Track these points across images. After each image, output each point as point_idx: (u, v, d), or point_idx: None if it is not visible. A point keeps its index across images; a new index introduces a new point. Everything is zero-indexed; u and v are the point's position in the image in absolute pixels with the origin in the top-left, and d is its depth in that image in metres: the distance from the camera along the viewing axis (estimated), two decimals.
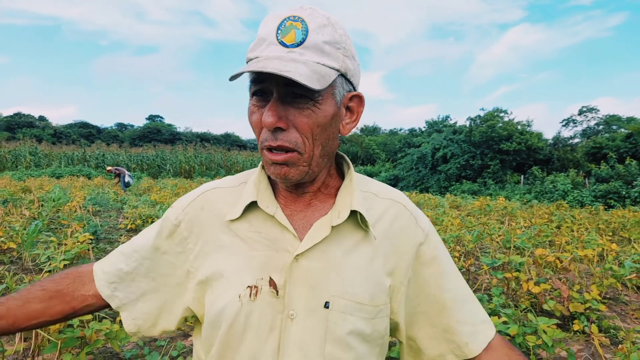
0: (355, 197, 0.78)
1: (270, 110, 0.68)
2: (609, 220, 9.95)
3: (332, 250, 0.76)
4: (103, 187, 16.44)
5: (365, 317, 0.75)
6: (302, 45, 0.68)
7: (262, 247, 0.76)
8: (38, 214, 7.75)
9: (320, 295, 0.73)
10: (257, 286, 0.74)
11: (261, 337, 0.73)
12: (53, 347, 2.55)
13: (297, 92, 0.68)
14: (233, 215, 0.78)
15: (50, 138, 44.52)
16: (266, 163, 0.74)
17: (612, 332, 3.60)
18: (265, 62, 0.66)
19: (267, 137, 0.70)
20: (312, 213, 0.79)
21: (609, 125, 33.44)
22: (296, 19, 0.68)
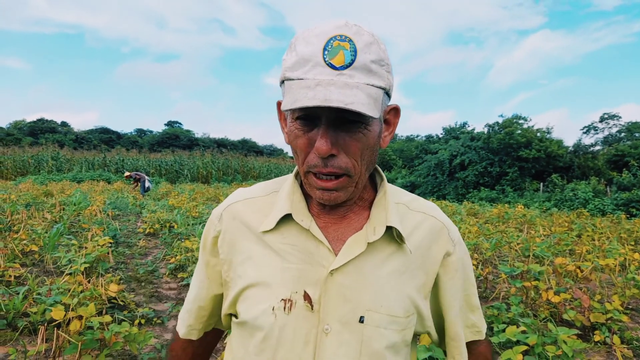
0: (390, 211, 0.77)
1: (323, 137, 0.66)
2: (631, 229, 9.73)
3: (366, 265, 0.75)
4: (122, 192, 16.70)
5: (397, 329, 0.75)
6: (351, 67, 0.66)
7: (296, 260, 0.75)
8: (59, 218, 7.91)
9: (354, 310, 0.73)
10: (292, 300, 0.73)
11: (295, 351, 0.73)
12: (73, 348, 2.60)
13: (349, 118, 0.67)
14: (266, 226, 0.77)
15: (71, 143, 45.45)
16: (311, 186, 0.73)
17: (634, 343, 3.51)
18: (323, 92, 0.63)
19: (316, 164, 0.69)
20: (347, 226, 0.78)
21: (631, 132, 32.77)
22: (343, 38, 0.66)
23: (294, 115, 0.70)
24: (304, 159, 0.71)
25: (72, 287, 3.35)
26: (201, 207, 10.79)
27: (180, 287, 4.69)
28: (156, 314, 3.81)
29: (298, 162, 0.73)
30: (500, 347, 3.22)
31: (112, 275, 4.39)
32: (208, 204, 12.29)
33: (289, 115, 0.72)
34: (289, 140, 0.74)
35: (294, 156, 0.74)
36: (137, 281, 4.79)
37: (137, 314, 3.65)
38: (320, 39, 0.66)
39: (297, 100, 0.64)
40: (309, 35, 0.67)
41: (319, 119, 0.68)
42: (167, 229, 7.83)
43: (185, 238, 6.52)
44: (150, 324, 3.62)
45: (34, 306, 3.34)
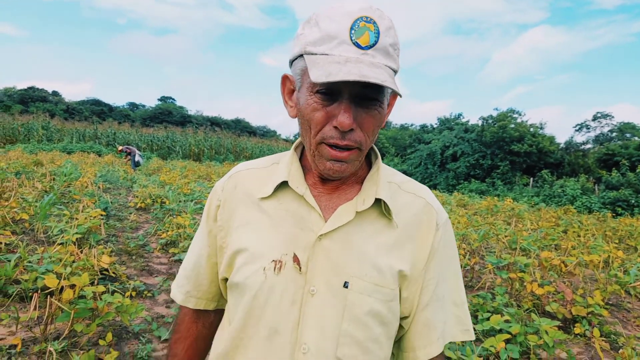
0: (381, 186, 0.81)
1: (346, 112, 0.70)
2: (616, 227, 9.90)
3: (354, 234, 0.79)
4: (113, 165, 16.58)
5: (382, 299, 0.78)
6: (374, 48, 0.70)
7: (288, 225, 0.79)
8: (50, 188, 7.86)
9: (340, 275, 0.77)
10: (282, 261, 0.77)
11: (283, 310, 0.76)
12: (66, 316, 2.62)
13: (370, 95, 0.71)
14: (264, 193, 0.82)
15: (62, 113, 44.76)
16: (321, 157, 0.76)
17: (612, 337, 3.62)
18: (357, 68, 0.67)
19: (333, 135, 0.72)
20: (339, 197, 0.82)
21: (622, 132, 33.07)
22: (369, 20, 0.69)
23: (314, 89, 0.72)
24: (318, 131, 0.74)
25: (64, 256, 3.37)
26: (193, 185, 10.77)
27: (172, 262, 4.72)
28: (147, 287, 3.84)
29: (309, 134, 0.75)
30: (483, 335, 3.31)
31: (103, 247, 4.40)
32: (200, 182, 12.26)
33: (307, 89, 0.74)
34: (302, 113, 0.76)
35: (303, 128, 0.77)
36: (128, 254, 4.81)
37: (128, 287, 3.68)
38: (347, 18, 0.69)
39: (331, 74, 0.66)
40: (335, 14, 0.70)
41: (340, 94, 0.71)
42: (158, 204, 7.83)
43: (177, 214, 6.53)
44: (141, 296, 3.65)
45: (24, 274, 3.35)
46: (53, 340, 2.66)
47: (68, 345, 2.66)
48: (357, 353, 0.77)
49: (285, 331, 0.76)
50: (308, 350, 0.75)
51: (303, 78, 0.75)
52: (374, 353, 0.79)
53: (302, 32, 0.74)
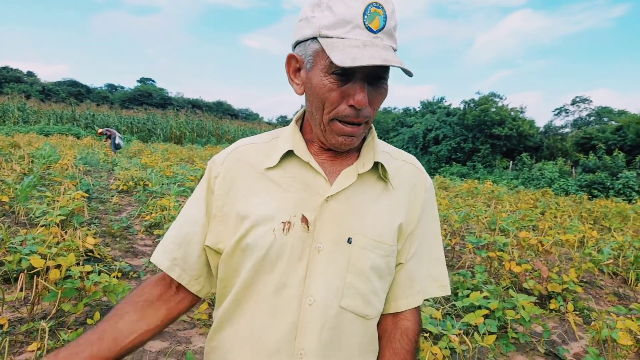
0: (378, 152, 0.89)
1: (362, 91, 0.76)
2: (592, 209, 10.19)
3: (357, 195, 0.87)
4: (93, 148, 16.31)
5: (382, 254, 0.86)
6: (382, 31, 0.76)
7: (295, 190, 0.86)
8: (29, 170, 7.72)
9: (344, 232, 0.84)
10: (291, 222, 0.83)
11: (291, 265, 0.83)
12: (52, 296, 2.63)
13: (381, 74, 0.78)
14: (271, 163, 0.87)
15: (38, 95, 43.64)
16: (332, 133, 0.82)
17: (585, 312, 3.78)
18: (378, 52, 0.73)
19: (348, 113, 0.79)
20: (340, 163, 0.89)
21: (600, 116, 33.75)
22: (378, 5, 0.75)
23: (330, 70, 0.77)
24: (333, 109, 0.79)
25: (48, 238, 3.35)
26: (175, 167, 10.69)
27: (156, 244, 4.72)
28: (132, 269, 3.85)
29: (320, 111, 0.81)
30: (463, 311, 3.42)
31: (87, 229, 4.38)
32: (182, 165, 12.17)
33: (321, 70, 0.78)
34: (315, 92, 0.80)
35: (314, 106, 0.82)
36: (111, 236, 4.79)
37: (113, 268, 3.68)
38: (360, 3, 0.75)
39: (356, 58, 0.71)
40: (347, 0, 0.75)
41: (354, 74, 0.77)
42: (141, 186, 7.77)
43: (161, 196, 6.50)
44: (127, 277, 3.67)
45: (7, 255, 3.33)
46: (40, 320, 2.67)
47: (55, 324, 2.67)
48: (360, 303, 0.85)
49: (292, 285, 0.82)
50: (314, 302, 0.82)
51: (316, 59, 0.79)
52: (373, 304, 0.87)
53: (314, 15, 0.78)
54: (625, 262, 5.17)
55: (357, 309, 0.85)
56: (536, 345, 3.11)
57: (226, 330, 0.88)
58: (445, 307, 3.48)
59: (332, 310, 0.82)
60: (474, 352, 2.80)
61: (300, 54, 0.82)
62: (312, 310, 0.82)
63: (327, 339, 0.82)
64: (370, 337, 0.89)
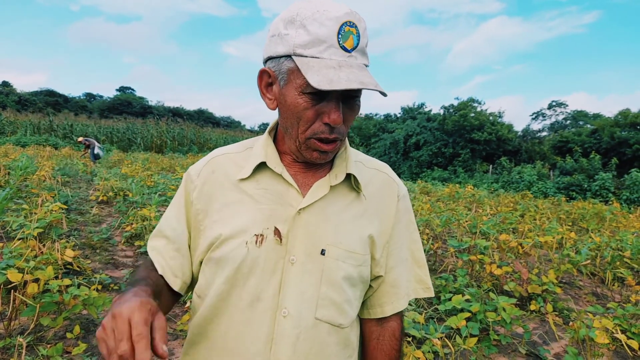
0: (350, 163, 0.90)
1: (337, 111, 0.77)
2: (570, 210, 10.40)
3: (329, 207, 0.87)
4: (71, 158, 16.04)
5: (354, 264, 0.87)
6: (356, 50, 0.77)
7: (268, 202, 0.86)
8: (5, 182, 7.56)
9: (317, 243, 0.85)
10: (263, 234, 0.83)
11: (265, 278, 0.83)
12: (31, 310, 2.58)
13: (354, 94, 0.80)
14: (243, 174, 0.88)
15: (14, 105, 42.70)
16: (309, 149, 0.83)
17: (565, 312, 3.85)
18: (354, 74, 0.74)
19: (323, 130, 0.79)
20: (313, 174, 0.90)
21: (576, 120, 34.52)
22: (352, 24, 0.76)
23: (305, 89, 0.77)
24: (308, 127, 0.80)
25: (26, 251, 3.29)
26: (156, 177, 10.57)
27: (137, 255, 4.67)
28: (113, 281, 3.80)
29: (296, 128, 0.81)
30: (446, 314, 3.46)
31: (66, 241, 4.31)
32: (163, 174, 12.05)
33: (294, 88, 0.78)
34: (289, 110, 0.81)
35: (289, 122, 0.82)
36: (91, 248, 4.72)
37: (93, 280, 3.63)
38: (335, 22, 0.75)
39: (333, 81, 0.72)
40: (322, 18, 0.75)
41: (329, 93, 0.77)
42: (121, 197, 7.66)
43: (142, 207, 6.43)
44: (107, 289, 3.61)
45: None
46: (18, 336, 2.61)
47: (34, 339, 2.62)
48: (334, 313, 0.86)
49: (266, 298, 0.83)
50: (288, 314, 0.82)
51: (290, 77, 0.79)
52: (347, 313, 0.88)
53: (288, 33, 0.77)
54: (603, 262, 5.29)
55: (332, 319, 0.86)
56: (517, 346, 3.16)
57: (200, 344, 0.88)
58: (428, 310, 3.52)
59: (307, 322, 0.83)
60: (457, 355, 2.83)
61: (274, 70, 0.82)
62: (286, 322, 0.82)
63: (303, 350, 0.83)
64: (345, 345, 0.90)
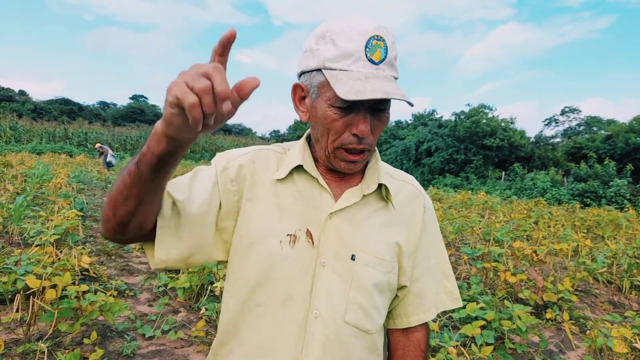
0: (381, 174, 0.93)
1: (365, 122, 0.81)
2: (585, 218, 10.27)
3: (359, 214, 0.90)
4: (86, 166, 16.26)
5: (383, 270, 0.89)
6: (384, 62, 0.80)
7: (301, 204, 0.89)
8: (22, 189, 7.69)
9: (347, 248, 0.87)
10: (296, 235, 0.86)
11: (297, 278, 0.85)
12: (49, 316, 2.62)
13: (382, 106, 0.82)
14: (280, 175, 0.90)
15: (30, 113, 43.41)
16: (337, 158, 0.86)
17: (581, 321, 3.80)
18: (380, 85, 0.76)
19: (351, 141, 0.82)
20: (345, 183, 0.93)
21: (589, 126, 34.14)
22: (379, 38, 0.79)
23: (334, 102, 0.80)
24: (337, 138, 0.83)
25: (43, 258, 3.34)
26: None
27: None
28: (128, 287, 3.84)
29: (326, 139, 0.85)
30: (460, 322, 3.43)
31: (82, 248, 4.36)
32: None
33: (325, 101, 0.82)
34: (320, 121, 0.84)
35: (320, 133, 0.85)
36: (106, 255, 4.77)
37: (109, 286, 3.67)
38: (363, 37, 0.79)
39: (359, 92, 0.75)
40: (351, 33, 0.79)
41: (357, 105, 0.80)
42: None
43: None
44: (123, 296, 3.65)
45: (2, 276, 3.30)
46: (36, 341, 2.65)
47: (52, 345, 2.66)
48: (362, 318, 0.87)
49: (299, 297, 0.85)
50: (319, 315, 0.84)
51: (321, 90, 0.82)
52: (374, 318, 0.90)
53: (318, 48, 0.82)
54: (619, 270, 5.22)
55: (360, 323, 0.87)
56: (533, 355, 3.12)
57: (231, 344, 0.89)
58: (442, 319, 3.50)
59: (337, 325, 0.85)
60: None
61: (306, 84, 0.86)
62: (318, 323, 0.84)
63: (331, 351, 0.84)
64: (371, 351, 0.91)
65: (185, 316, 3.36)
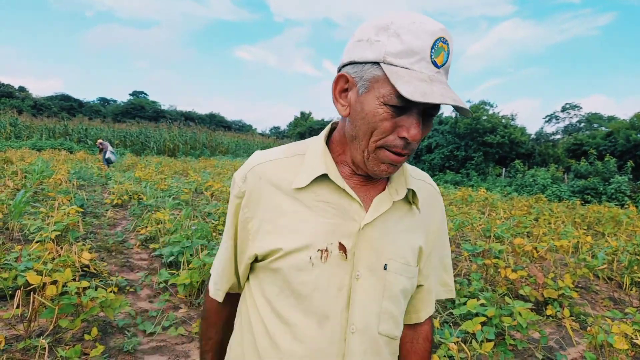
0: (408, 178, 0.89)
1: (417, 127, 0.75)
2: (585, 214, 10.27)
3: (389, 221, 0.86)
4: (86, 162, 16.25)
5: (409, 276, 0.88)
6: (443, 67, 0.75)
7: (330, 216, 0.82)
8: (22, 186, 7.68)
9: (380, 258, 0.84)
10: (328, 250, 0.81)
11: (331, 295, 0.81)
12: (49, 312, 2.62)
13: (433, 112, 0.78)
14: (299, 184, 0.83)
15: (30, 110, 43.36)
16: (376, 159, 0.79)
17: (582, 317, 3.80)
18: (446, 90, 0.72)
19: (397, 145, 0.77)
20: (371, 188, 0.87)
21: (590, 123, 34.13)
22: (444, 41, 0.74)
23: (389, 100, 0.74)
24: (382, 138, 0.77)
25: (44, 254, 3.34)
26: (170, 180, 10.67)
27: (152, 258, 4.71)
28: (129, 283, 3.84)
29: (367, 138, 0.78)
30: (461, 319, 3.43)
31: (82, 244, 4.36)
32: (176, 178, 12.16)
33: (376, 97, 0.75)
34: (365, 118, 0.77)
35: (362, 131, 0.79)
36: (107, 251, 4.77)
37: (110, 282, 3.67)
38: (430, 36, 0.73)
39: (426, 94, 0.70)
40: (418, 30, 0.73)
41: (410, 108, 0.75)
42: (135, 200, 7.75)
43: (156, 210, 6.49)
44: (123, 292, 3.65)
45: (3, 272, 3.31)
46: (37, 337, 2.65)
47: (53, 341, 2.66)
48: (392, 327, 0.87)
49: (335, 315, 0.81)
50: (356, 330, 0.82)
51: (373, 85, 0.75)
52: (401, 325, 0.91)
53: (379, 40, 0.75)
54: (620, 266, 5.22)
55: (391, 332, 0.87)
56: (534, 351, 3.13)
57: None
58: (443, 315, 3.50)
59: (372, 337, 0.83)
60: (473, 359, 2.81)
61: (354, 76, 0.78)
62: (355, 338, 0.82)
63: None
64: (393, 354, 0.92)
65: (186, 312, 3.36)
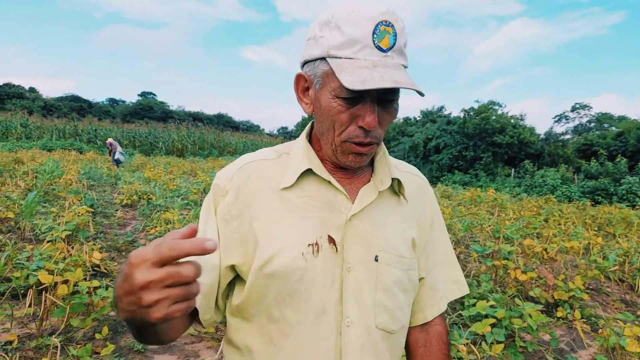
0: (392, 167, 0.89)
1: (372, 114, 0.75)
2: (596, 215, 10.17)
3: (376, 212, 0.86)
4: (96, 162, 16.38)
5: (403, 268, 0.86)
6: (392, 49, 0.75)
7: (316, 210, 0.83)
8: (33, 186, 7.76)
9: (370, 250, 0.83)
10: (318, 244, 0.81)
11: (326, 289, 0.80)
12: (61, 311, 2.65)
13: (390, 97, 0.77)
14: (286, 182, 0.83)
15: (40, 110, 43.76)
16: (344, 152, 0.80)
17: (593, 319, 3.77)
18: (389, 73, 0.71)
19: (358, 134, 0.77)
20: (356, 180, 0.88)
21: (600, 123, 33.82)
22: (388, 23, 0.74)
23: (339, 92, 0.75)
24: (343, 131, 0.78)
25: (55, 254, 3.37)
26: (178, 181, 10.72)
27: None
28: None
29: (331, 132, 0.80)
30: (470, 320, 3.42)
31: (92, 244, 4.40)
32: (185, 178, 12.21)
33: (329, 92, 0.77)
34: (324, 113, 0.79)
35: (325, 126, 0.80)
36: (117, 251, 4.81)
37: None
38: (369, 22, 0.73)
39: (366, 81, 0.70)
40: (357, 18, 0.74)
41: (363, 97, 0.75)
42: (145, 200, 7.79)
43: (165, 210, 6.52)
44: None
45: (15, 271, 3.34)
46: (49, 336, 2.68)
47: (64, 340, 2.68)
48: (388, 320, 0.85)
49: (330, 309, 0.81)
50: (351, 323, 0.81)
51: (325, 80, 0.77)
52: (399, 319, 0.87)
53: (323, 35, 0.76)
54: (631, 268, 5.16)
55: (387, 325, 0.85)
56: (544, 353, 3.10)
57: None
58: (452, 316, 3.48)
59: (369, 330, 0.82)
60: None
61: (309, 74, 0.81)
62: (351, 332, 0.81)
63: (367, 358, 0.82)
64: (392, 351, 0.89)
65: None
